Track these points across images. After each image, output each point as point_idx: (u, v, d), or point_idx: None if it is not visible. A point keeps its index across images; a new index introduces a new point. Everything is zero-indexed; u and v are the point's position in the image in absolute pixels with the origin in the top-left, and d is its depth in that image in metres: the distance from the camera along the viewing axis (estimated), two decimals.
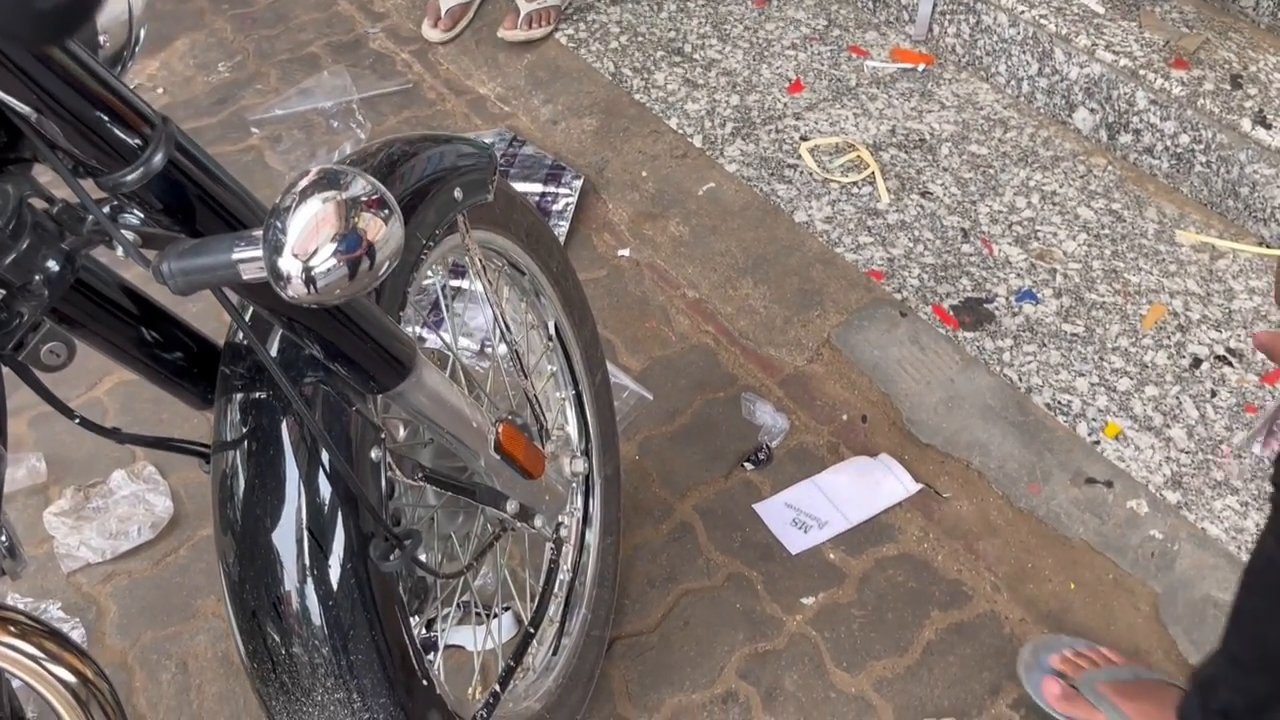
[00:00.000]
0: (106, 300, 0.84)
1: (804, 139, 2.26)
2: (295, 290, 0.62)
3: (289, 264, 0.61)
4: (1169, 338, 1.85)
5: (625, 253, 2.07)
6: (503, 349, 1.25)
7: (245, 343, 0.92)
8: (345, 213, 0.63)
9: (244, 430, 0.90)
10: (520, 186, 2.15)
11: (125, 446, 1.73)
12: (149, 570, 1.59)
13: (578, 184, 2.15)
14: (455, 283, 1.80)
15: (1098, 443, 1.69)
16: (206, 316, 1.63)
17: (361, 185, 0.64)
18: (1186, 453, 1.68)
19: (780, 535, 1.62)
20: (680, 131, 2.31)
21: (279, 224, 0.62)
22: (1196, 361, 1.81)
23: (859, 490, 1.66)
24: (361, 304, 0.84)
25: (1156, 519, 1.60)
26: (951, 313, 1.89)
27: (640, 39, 2.57)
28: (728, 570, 1.58)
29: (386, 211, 0.64)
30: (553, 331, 1.39)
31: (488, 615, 1.34)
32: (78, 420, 0.83)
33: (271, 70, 2.56)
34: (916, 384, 1.79)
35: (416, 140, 1.16)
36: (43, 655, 0.75)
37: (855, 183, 2.16)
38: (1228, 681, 1.17)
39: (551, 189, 2.14)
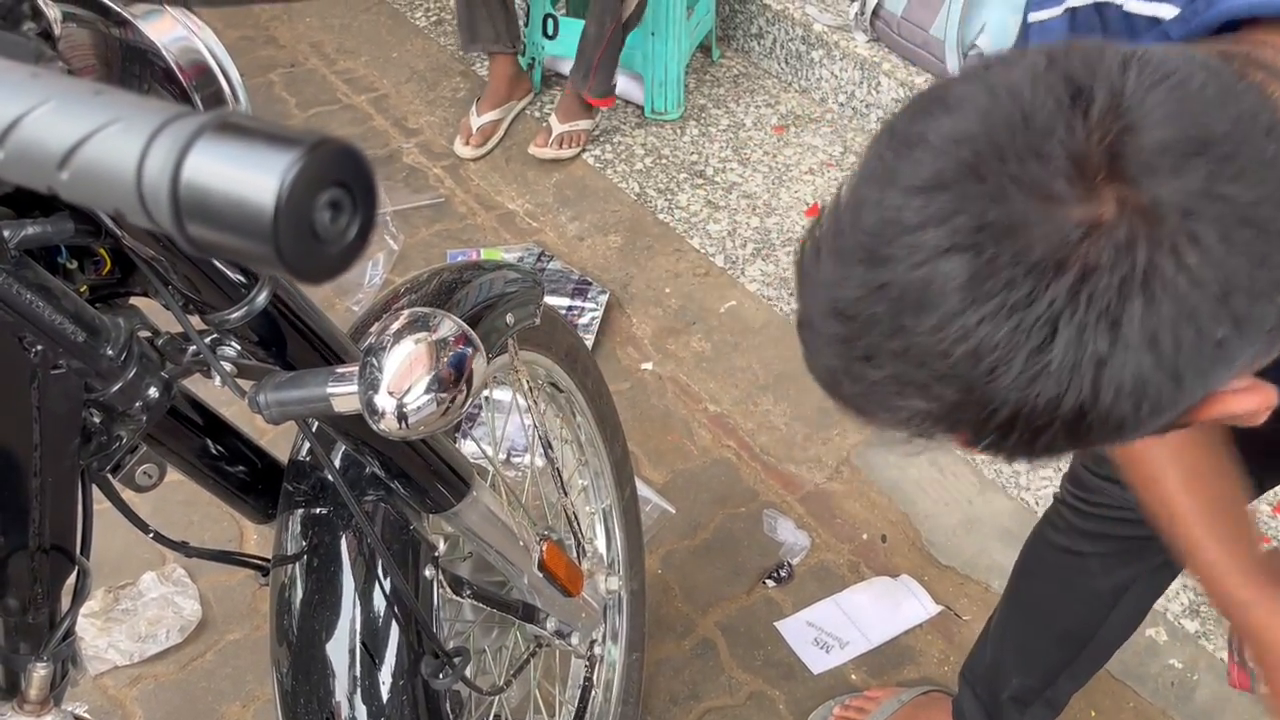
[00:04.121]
0: (183, 417, 0.89)
1: None
2: (388, 424, 0.66)
3: (384, 401, 0.66)
4: None
5: (648, 366, 2.13)
6: (540, 463, 1.29)
7: (310, 460, 0.97)
8: (436, 353, 0.68)
9: (304, 545, 0.94)
10: (548, 300, 2.21)
11: (156, 548, 1.76)
12: (175, 674, 1.60)
13: (603, 299, 2.21)
14: (485, 393, 1.85)
15: None
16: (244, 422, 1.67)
17: (449, 326, 0.69)
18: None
19: (802, 654, 1.63)
20: (702, 250, 2.38)
21: (375, 362, 0.67)
22: None
23: (880, 610, 1.67)
24: None
25: (1175, 648, 1.62)
26: None
27: (664, 161, 2.67)
28: (750, 688, 1.59)
29: (471, 350, 0.69)
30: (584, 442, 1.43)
31: None
32: (151, 535, 0.87)
33: None
34: (935, 505, 1.82)
35: (465, 268, 1.23)
36: None
37: None
38: (1016, 668, 1.31)
39: (578, 303, 2.21)
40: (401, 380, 0.66)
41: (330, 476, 0.93)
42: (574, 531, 1.24)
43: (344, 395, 0.68)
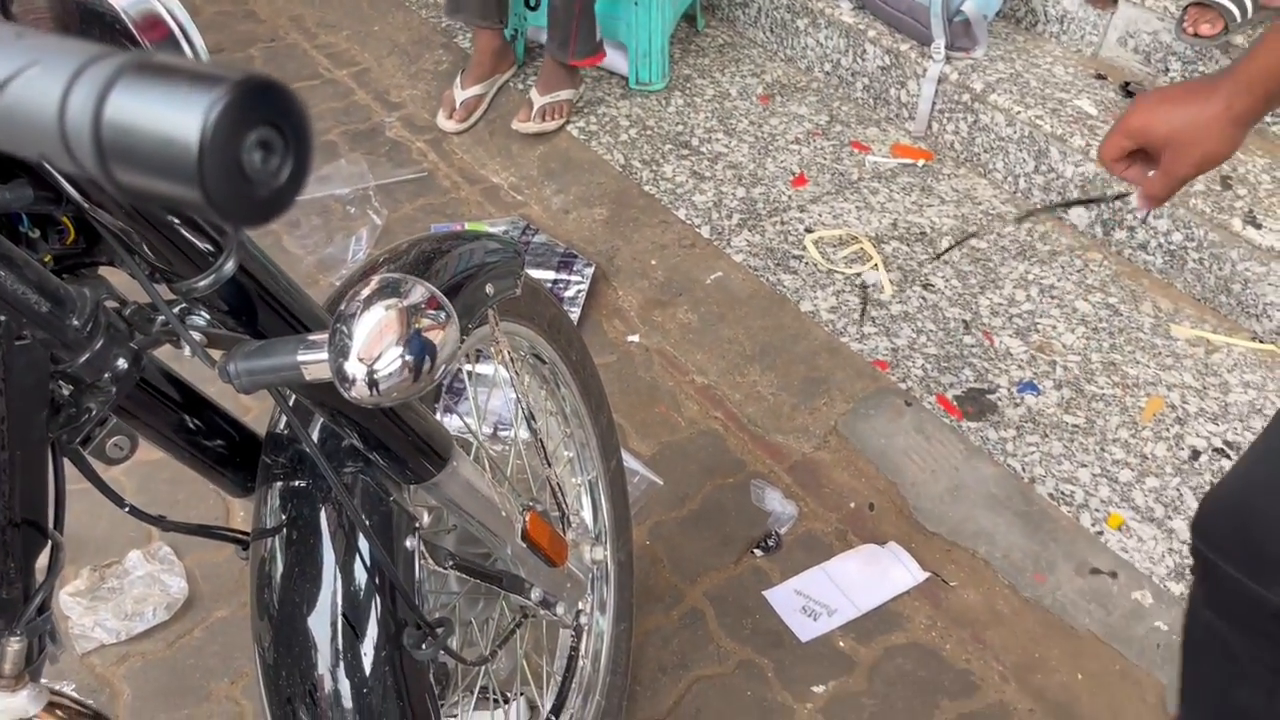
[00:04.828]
0: (157, 391, 0.88)
1: (808, 231, 2.33)
2: (358, 391, 0.65)
3: (354, 368, 0.65)
4: (1168, 430, 1.89)
5: (635, 339, 2.12)
6: (525, 435, 1.28)
7: (287, 433, 0.96)
8: (407, 319, 0.67)
9: (283, 518, 0.93)
10: (534, 273, 2.20)
11: (142, 526, 1.76)
12: (163, 652, 1.60)
13: (589, 271, 2.20)
14: (468, 367, 1.84)
15: (1101, 533, 1.72)
16: (225, 398, 1.66)
17: (420, 292, 0.68)
18: (1189, 544, 1.71)
19: (790, 622, 1.63)
20: (688, 222, 2.37)
21: (345, 329, 0.66)
22: (1195, 454, 1.85)
23: (868, 578, 1.68)
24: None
25: (1161, 610, 1.62)
26: (955, 403, 1.93)
27: (649, 132, 2.65)
28: (739, 657, 1.60)
29: (444, 316, 0.68)
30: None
31: (504, 701, 1.35)
32: (127, 509, 0.86)
33: None
34: (922, 473, 1.82)
35: (445, 239, 1.21)
36: None
37: (859, 274, 2.22)
38: None
39: (564, 276, 2.20)
40: (372, 347, 0.65)
41: (307, 448, 0.92)
42: (559, 503, 1.24)
43: (315, 363, 0.68)
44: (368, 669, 0.91)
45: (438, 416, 1.09)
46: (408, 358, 0.66)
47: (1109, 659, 1.58)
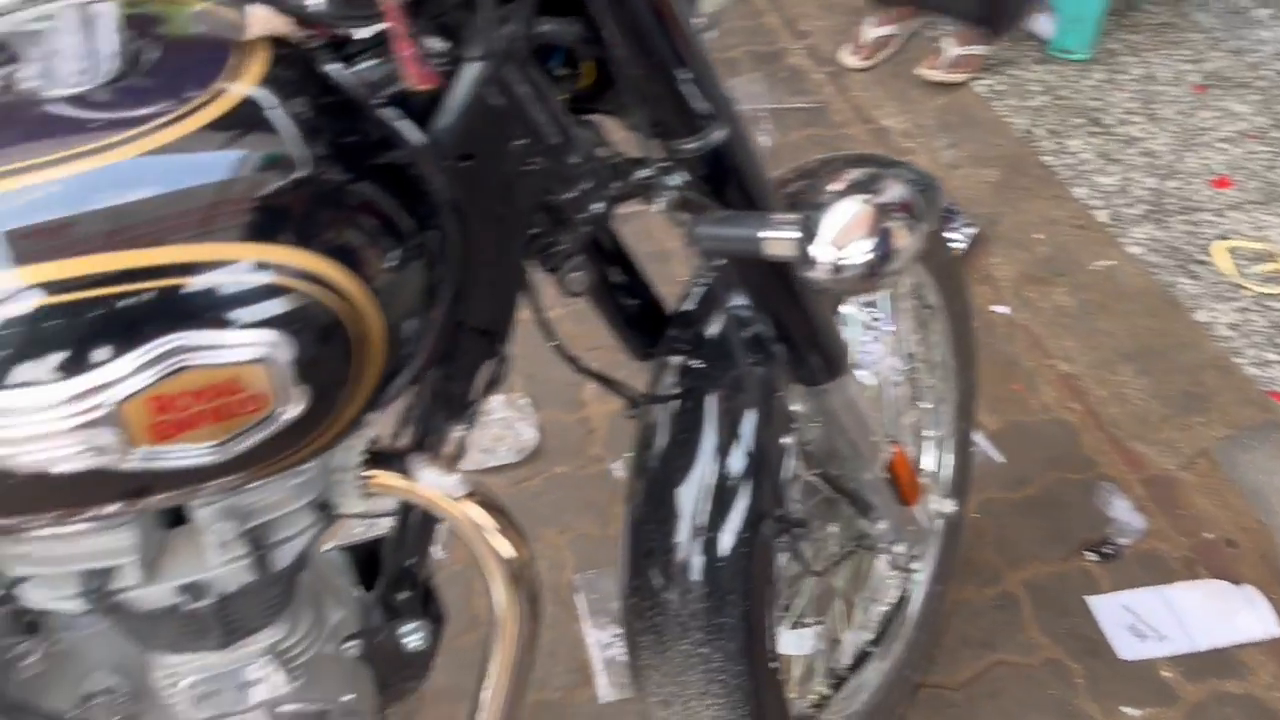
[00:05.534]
0: (605, 237, 0.95)
1: (1222, 238, 2.12)
2: (819, 274, 0.67)
3: (822, 251, 0.67)
4: None
5: (1003, 310, 2.04)
6: (893, 377, 1.28)
7: (696, 312, 1.01)
8: (879, 216, 0.68)
9: (675, 390, 0.98)
10: None
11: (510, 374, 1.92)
12: (507, 489, 1.75)
13: (969, 231, 2.13)
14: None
15: None
16: None
17: (896, 191, 0.69)
18: None
19: (1111, 636, 1.54)
20: (1085, 202, 2.23)
21: (816, 215, 0.68)
22: None
23: (1210, 615, 1.55)
24: (820, 299, 0.90)
25: None
26: None
27: (1060, 102, 2.50)
28: (1048, 654, 1.53)
29: (914, 219, 0.69)
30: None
31: (807, 624, 1.38)
32: (554, 344, 0.93)
33: None
34: None
35: (860, 159, 1.21)
36: (495, 527, 0.86)
37: (1274, 295, 2.00)
38: None
39: (943, 232, 2.14)
40: (842, 235, 0.67)
41: (715, 327, 0.97)
42: (915, 447, 1.23)
43: (779, 240, 0.70)
44: (724, 547, 0.95)
45: None
46: (872, 253, 0.67)
47: None
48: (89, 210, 0.56)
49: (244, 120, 0.60)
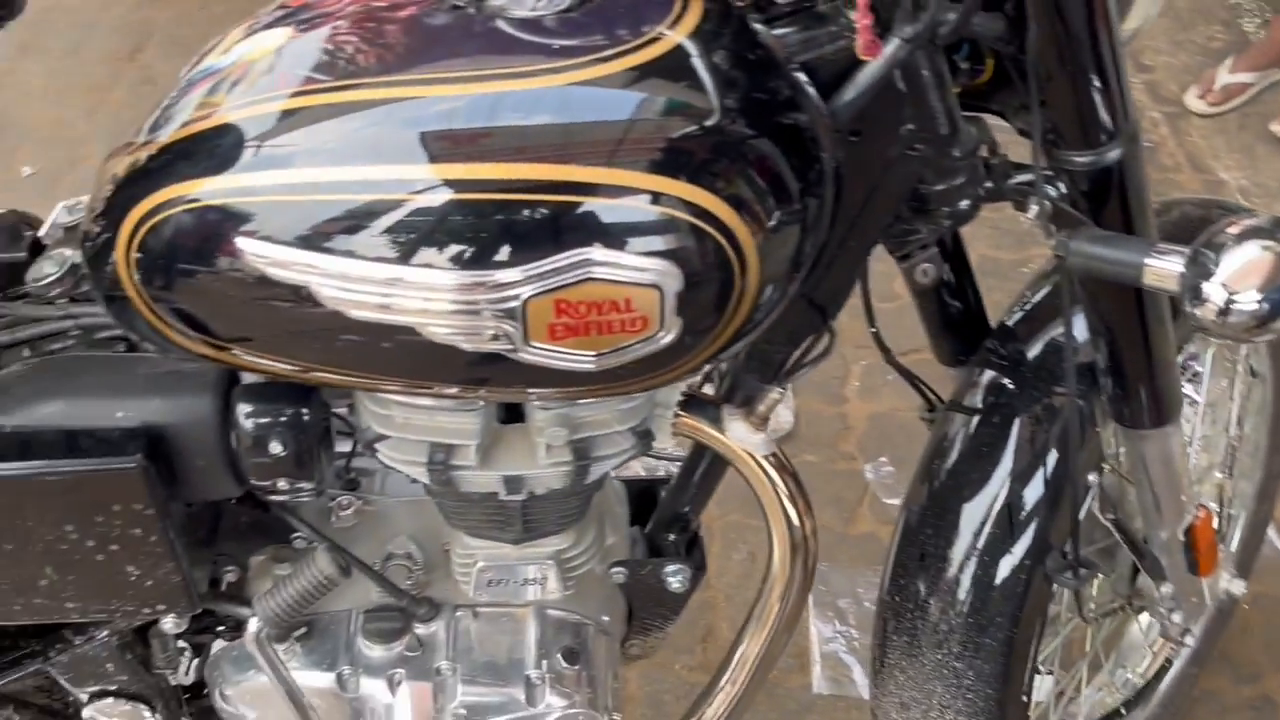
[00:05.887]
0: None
1: None
2: (1204, 312, 0.65)
3: (1214, 291, 0.64)
4: None
5: None
6: (1207, 441, 1.20)
7: (1017, 329, 0.98)
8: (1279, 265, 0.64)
9: (982, 404, 0.97)
10: None
11: None
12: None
13: None
14: None
15: None
16: None
17: None
18: None
19: None
20: None
21: (1212, 254, 0.65)
22: None
23: None
24: (1170, 339, 0.86)
25: None
26: None
27: None
28: None
29: None
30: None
31: (1048, 672, 1.32)
32: (874, 330, 0.94)
33: None
34: None
35: (1211, 205, 1.14)
36: (786, 492, 0.88)
37: None
38: None
39: None
40: (1238, 277, 0.64)
41: (1040, 349, 0.94)
42: (1222, 517, 1.15)
43: (1162, 270, 0.67)
44: (1000, 571, 0.93)
45: None
46: (1267, 301, 0.64)
47: None
48: (513, 124, 0.62)
49: (672, 65, 0.64)
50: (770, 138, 0.65)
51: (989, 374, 0.97)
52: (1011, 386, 0.96)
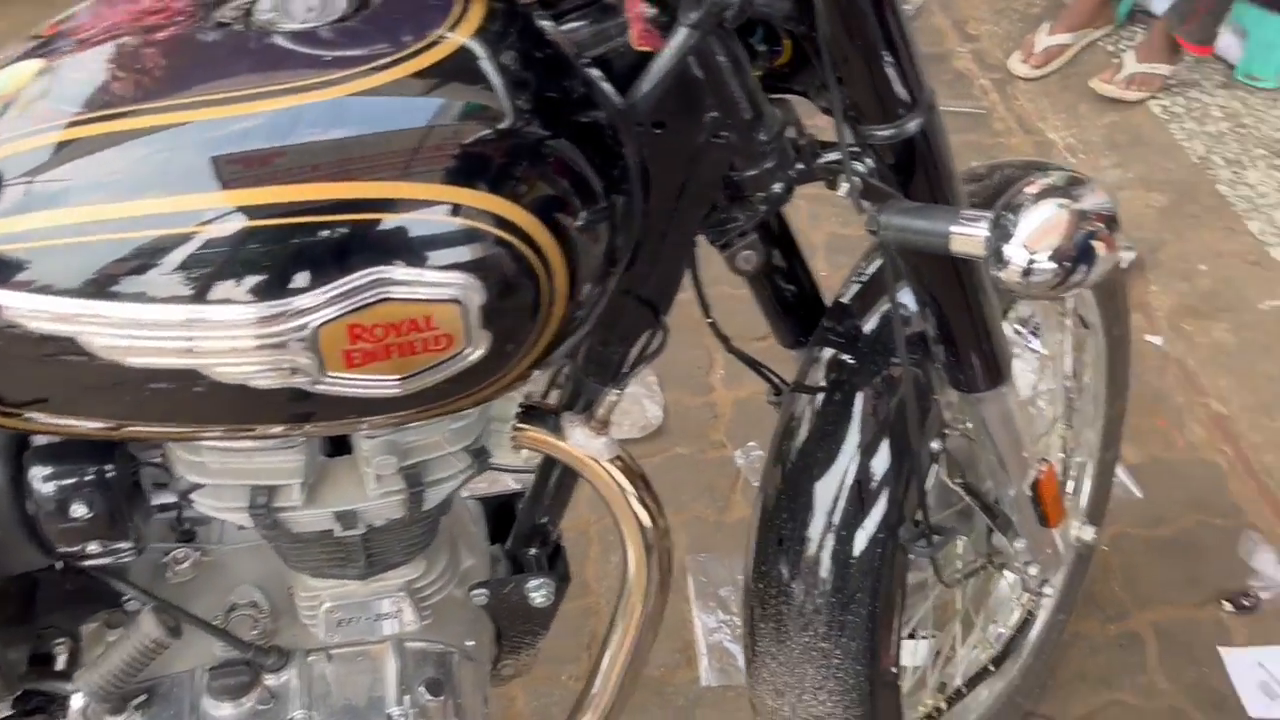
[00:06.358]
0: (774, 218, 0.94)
1: None
2: (1007, 274, 0.65)
3: (1015, 252, 0.65)
4: None
5: (1155, 340, 1.95)
6: (1047, 397, 1.24)
7: (851, 305, 0.99)
8: (1078, 221, 0.65)
9: (824, 382, 0.97)
10: None
11: None
12: None
13: (1128, 255, 2.04)
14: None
15: None
16: None
17: (1095, 200, 0.66)
18: None
19: (1243, 692, 1.47)
20: (1260, 237, 2.12)
21: (1011, 216, 0.66)
22: None
23: None
24: (993, 304, 0.87)
25: None
26: None
27: (1243, 131, 2.38)
28: (1170, 701, 1.47)
29: (1112, 230, 0.66)
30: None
31: (920, 635, 1.35)
32: (710, 321, 0.93)
33: None
34: None
35: (1030, 166, 1.17)
36: (634, 491, 0.86)
37: None
38: None
39: None
40: (1037, 237, 0.65)
41: (875, 323, 0.95)
42: (1066, 469, 1.19)
43: (968, 237, 0.68)
44: (858, 546, 0.94)
45: None
46: (1066, 258, 0.65)
47: None
48: (297, 142, 0.58)
49: (457, 68, 0.61)
50: (567, 137, 0.63)
51: (828, 352, 0.97)
52: (851, 362, 0.96)
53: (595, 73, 0.66)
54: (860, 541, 0.94)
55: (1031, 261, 0.64)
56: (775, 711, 1.00)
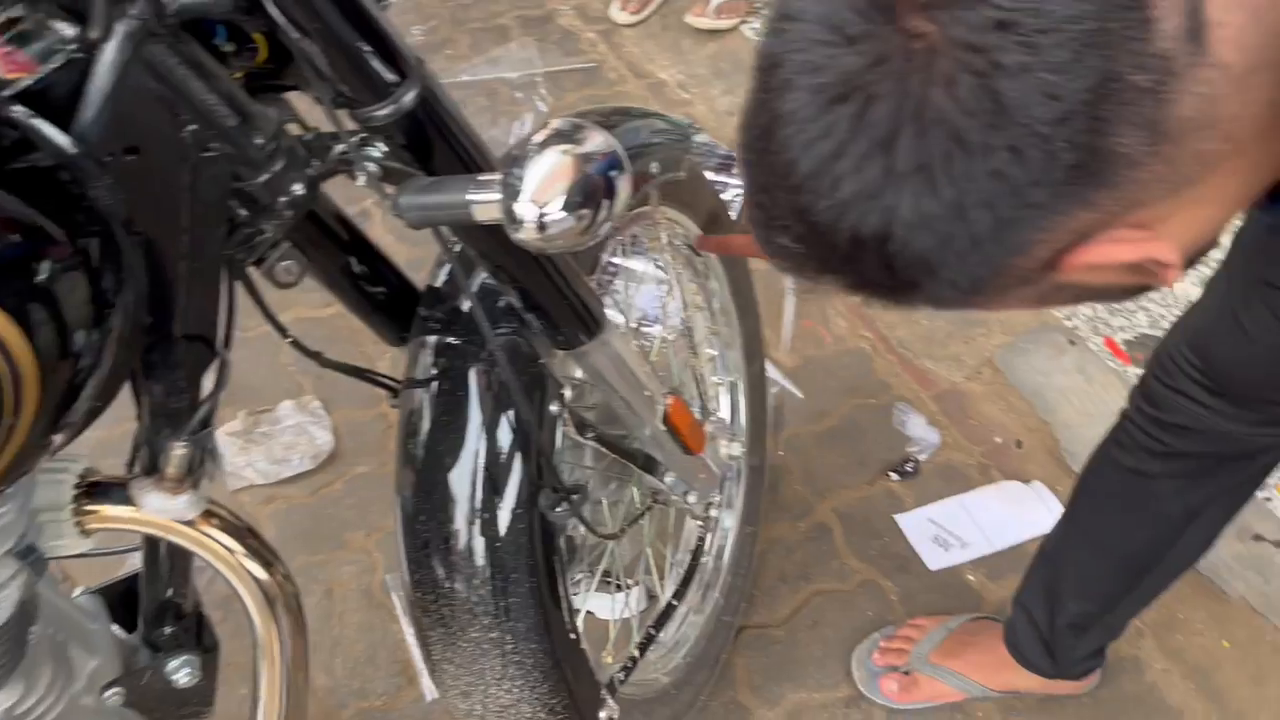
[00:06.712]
0: (328, 228, 0.89)
1: None
2: (526, 234, 0.64)
3: (525, 209, 0.64)
4: None
5: None
6: (673, 325, 1.27)
7: (445, 288, 0.96)
8: (581, 165, 0.65)
9: (434, 371, 0.94)
10: None
11: (295, 378, 1.83)
12: (306, 498, 1.67)
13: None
14: (618, 259, 1.83)
15: (1269, 499, 1.61)
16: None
17: (597, 141, 0.66)
18: None
19: (920, 549, 1.59)
20: None
21: (517, 171, 0.64)
22: None
23: (1006, 515, 1.62)
24: (566, 258, 0.87)
25: None
26: (1124, 347, 1.83)
27: None
28: (862, 576, 1.57)
29: (618, 169, 0.66)
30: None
31: (624, 586, 1.37)
32: (289, 340, 0.87)
33: (463, 37, 2.65)
34: (1079, 415, 1.73)
35: (612, 113, 1.19)
36: (241, 550, 0.80)
37: None
38: (1075, 594, 1.25)
39: (722, 179, 2.15)
40: (544, 190, 0.64)
41: (466, 301, 0.93)
42: (700, 394, 1.22)
43: (484, 203, 0.67)
44: (503, 525, 0.92)
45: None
46: (578, 205, 0.64)
47: (1259, 629, 1.49)
48: None
49: None
50: (4, 190, 0.56)
51: (431, 339, 0.95)
52: (456, 344, 0.94)
53: (23, 110, 0.58)
54: (503, 521, 0.92)
55: (543, 215, 0.64)
56: (469, 713, 0.98)
